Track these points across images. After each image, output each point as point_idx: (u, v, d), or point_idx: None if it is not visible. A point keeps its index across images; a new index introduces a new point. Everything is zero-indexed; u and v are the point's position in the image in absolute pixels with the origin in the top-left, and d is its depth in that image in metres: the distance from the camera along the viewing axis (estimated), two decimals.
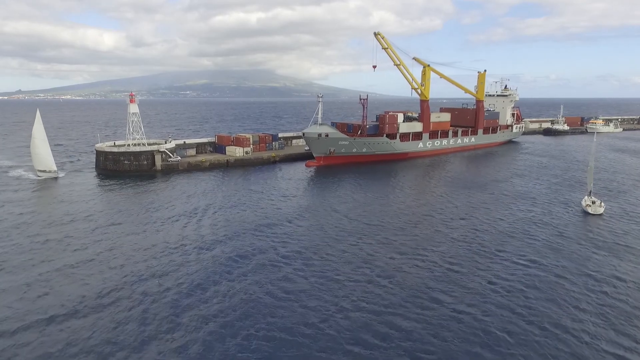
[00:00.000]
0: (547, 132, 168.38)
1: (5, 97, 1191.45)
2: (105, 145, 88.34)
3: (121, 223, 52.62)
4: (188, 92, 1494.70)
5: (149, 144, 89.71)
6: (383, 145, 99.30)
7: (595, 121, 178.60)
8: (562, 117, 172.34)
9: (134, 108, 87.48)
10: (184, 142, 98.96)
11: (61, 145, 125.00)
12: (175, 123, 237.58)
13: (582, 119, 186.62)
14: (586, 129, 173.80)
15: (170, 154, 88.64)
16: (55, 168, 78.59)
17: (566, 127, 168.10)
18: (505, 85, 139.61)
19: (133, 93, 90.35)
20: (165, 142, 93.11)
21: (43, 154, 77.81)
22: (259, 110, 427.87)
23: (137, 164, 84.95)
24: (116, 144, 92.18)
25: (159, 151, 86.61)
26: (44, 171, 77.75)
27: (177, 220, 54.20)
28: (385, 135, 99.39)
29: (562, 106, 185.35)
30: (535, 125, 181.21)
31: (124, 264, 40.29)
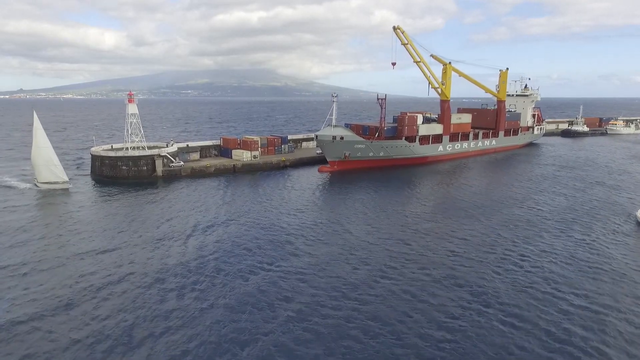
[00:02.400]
0: (566, 134, 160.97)
1: (7, 97, 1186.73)
2: (101, 149, 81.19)
3: (116, 240, 45.63)
4: (189, 91, 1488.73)
5: (149, 148, 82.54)
6: (402, 148, 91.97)
7: (615, 122, 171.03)
8: (582, 118, 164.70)
9: (132, 108, 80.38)
10: (187, 145, 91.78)
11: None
12: (177, 123, 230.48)
13: (601, 120, 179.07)
14: (606, 130, 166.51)
15: (172, 159, 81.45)
16: (66, 178, 69.33)
17: (586, 129, 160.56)
18: (526, 85, 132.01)
19: (132, 92, 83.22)
20: (167, 146, 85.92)
21: (50, 164, 68.14)
22: (260, 110, 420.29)
23: (136, 169, 77.79)
24: (113, 147, 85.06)
25: (159, 155, 79.45)
26: (51, 183, 68.23)
27: (180, 237, 48.00)
28: (404, 138, 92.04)
29: (581, 106, 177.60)
30: (552, 126, 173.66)
31: (120, 292, 33.39)
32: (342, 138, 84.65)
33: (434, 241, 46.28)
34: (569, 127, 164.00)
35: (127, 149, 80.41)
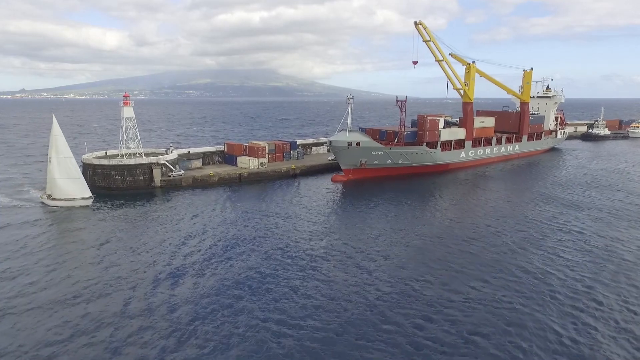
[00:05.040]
0: (587, 137, 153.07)
1: (9, 97, 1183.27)
2: (93, 157, 73.74)
3: (106, 260, 38.11)
4: (191, 91, 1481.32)
5: (147, 155, 75.24)
6: (422, 155, 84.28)
7: (637, 125, 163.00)
8: (603, 120, 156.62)
9: (128, 112, 73.06)
10: (188, 151, 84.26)
11: (33, 155, 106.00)
12: (178, 125, 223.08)
13: (620, 122, 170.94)
14: (628, 133, 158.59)
15: (172, 167, 74.04)
16: (88, 194, 60.21)
17: (607, 132, 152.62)
18: (548, 86, 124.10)
19: (128, 94, 75.72)
20: (166, 152, 78.52)
21: (71, 178, 59.33)
22: (261, 111, 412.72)
23: (132, 179, 70.43)
24: (108, 154, 77.76)
25: (158, 164, 72.05)
26: (69, 199, 59.27)
27: (178, 256, 42.20)
28: (425, 143, 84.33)
29: (602, 108, 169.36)
30: (570, 129, 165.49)
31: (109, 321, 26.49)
32: (358, 144, 77.10)
33: (460, 280, 38.01)
34: (590, 131, 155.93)
35: (122, 156, 73.11)
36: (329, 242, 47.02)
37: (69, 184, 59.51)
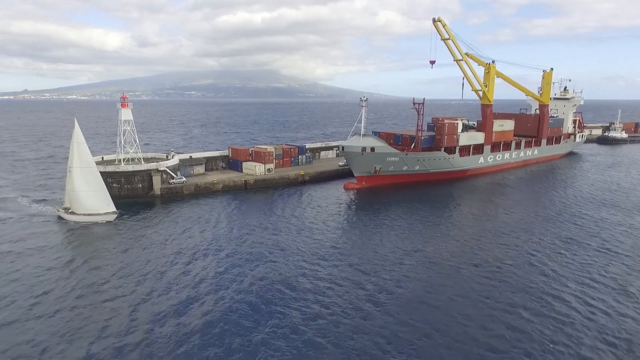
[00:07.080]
0: (603, 141, 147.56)
1: (12, 97, 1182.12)
2: None
3: (97, 281, 33.05)
4: (193, 92, 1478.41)
5: (146, 160, 70.13)
6: (440, 161, 79.03)
7: None
8: (620, 123, 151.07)
9: (126, 114, 68.03)
10: (190, 156, 79.18)
11: (28, 159, 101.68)
12: (178, 128, 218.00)
13: (637, 125, 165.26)
14: None
15: (173, 174, 68.97)
16: (112, 208, 54.21)
17: (624, 135, 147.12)
18: (565, 87, 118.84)
19: (126, 95, 70.56)
20: (167, 158, 73.43)
21: (93, 190, 53.38)
22: (262, 112, 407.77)
23: (130, 187, 65.46)
24: (104, 159, 72.78)
25: (157, 170, 67.01)
26: (91, 214, 53.43)
27: (178, 273, 38.62)
28: (443, 148, 79.02)
29: (619, 110, 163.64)
30: (585, 132, 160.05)
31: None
32: (372, 149, 71.97)
33: (479, 304, 33.38)
34: (606, 134, 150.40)
35: (119, 161, 68.06)
36: (340, 266, 41.15)
37: (91, 197, 53.52)
